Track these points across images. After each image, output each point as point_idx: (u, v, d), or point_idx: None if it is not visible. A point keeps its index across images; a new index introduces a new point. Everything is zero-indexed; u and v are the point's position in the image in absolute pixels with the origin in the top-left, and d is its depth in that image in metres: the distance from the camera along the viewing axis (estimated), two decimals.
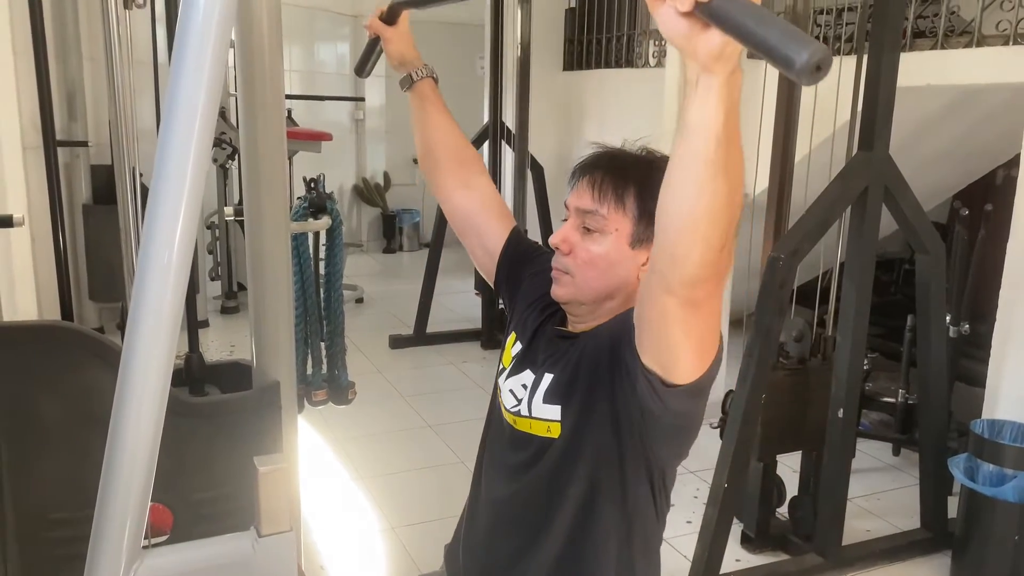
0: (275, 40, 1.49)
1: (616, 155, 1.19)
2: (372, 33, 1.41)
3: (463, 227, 1.42)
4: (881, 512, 3.10)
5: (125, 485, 0.99)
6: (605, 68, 5.15)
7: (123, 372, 0.96)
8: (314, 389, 2.37)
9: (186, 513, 1.58)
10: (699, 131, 0.78)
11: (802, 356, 2.74)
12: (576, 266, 1.17)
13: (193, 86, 0.93)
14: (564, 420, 1.16)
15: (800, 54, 0.61)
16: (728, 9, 0.68)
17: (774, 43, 0.64)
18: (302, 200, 2.30)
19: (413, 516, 3.02)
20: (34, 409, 1.53)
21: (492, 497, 1.29)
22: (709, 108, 0.77)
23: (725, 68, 0.74)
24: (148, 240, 0.93)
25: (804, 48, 0.62)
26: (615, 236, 1.14)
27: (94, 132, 4.45)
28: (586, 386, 1.14)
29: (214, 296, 5.53)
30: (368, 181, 8.03)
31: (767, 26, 0.65)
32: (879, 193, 2.44)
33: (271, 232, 1.54)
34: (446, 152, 1.42)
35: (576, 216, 1.18)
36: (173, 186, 0.93)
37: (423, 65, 1.43)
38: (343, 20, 7.66)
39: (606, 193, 1.14)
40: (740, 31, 0.68)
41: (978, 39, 2.93)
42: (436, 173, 1.43)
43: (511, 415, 1.23)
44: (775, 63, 0.64)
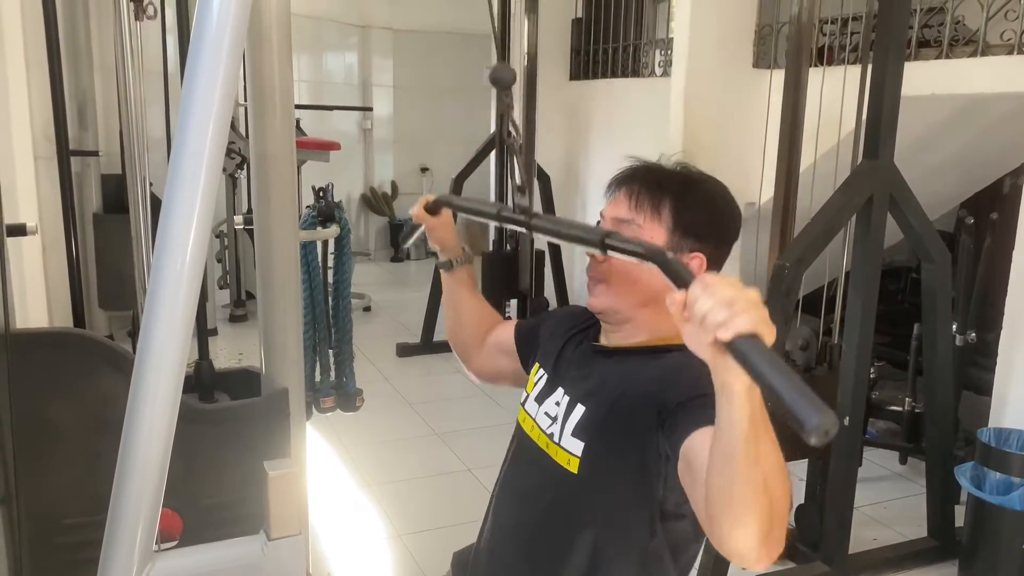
0: (284, 51, 1.51)
1: (652, 168, 1.23)
2: (417, 221, 1.48)
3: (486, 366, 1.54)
4: (888, 521, 3.09)
5: (137, 489, 1.00)
6: (611, 78, 5.17)
7: (136, 378, 0.98)
8: (322, 396, 2.38)
9: (195, 519, 1.59)
10: (727, 434, 0.82)
11: (808, 364, 2.74)
12: (611, 274, 1.19)
13: (206, 97, 0.95)
14: (584, 458, 1.16)
15: (811, 418, 0.67)
16: (747, 352, 0.73)
17: (788, 400, 0.69)
18: (311, 209, 2.32)
19: (420, 523, 3.03)
20: (47, 415, 1.55)
21: (506, 520, 1.30)
22: (734, 412, 0.80)
23: (743, 383, 0.78)
24: (161, 249, 0.95)
25: (815, 414, 0.67)
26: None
27: (104, 142, 4.49)
28: (615, 434, 1.14)
29: (223, 304, 5.56)
30: (376, 190, 8.07)
31: (783, 380, 0.70)
32: (884, 202, 2.45)
33: (280, 240, 1.56)
34: (473, 328, 1.54)
35: (612, 225, 1.20)
36: (186, 196, 0.95)
37: (462, 251, 1.50)
38: (351, 31, 7.72)
39: (643, 204, 1.18)
40: (757, 376, 0.73)
41: (983, 48, 2.94)
42: (462, 347, 1.56)
43: (545, 437, 1.24)
44: (788, 417, 0.69)
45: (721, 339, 0.75)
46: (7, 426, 1.49)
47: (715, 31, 3.78)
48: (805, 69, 2.74)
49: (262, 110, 1.51)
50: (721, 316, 0.74)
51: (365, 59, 7.91)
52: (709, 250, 1.20)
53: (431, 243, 1.50)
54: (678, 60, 3.83)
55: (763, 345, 0.74)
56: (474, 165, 4.95)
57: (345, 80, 7.86)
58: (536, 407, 1.28)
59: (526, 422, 1.30)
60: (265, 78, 1.50)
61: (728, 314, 0.74)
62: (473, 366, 1.55)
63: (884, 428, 3.72)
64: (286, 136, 1.57)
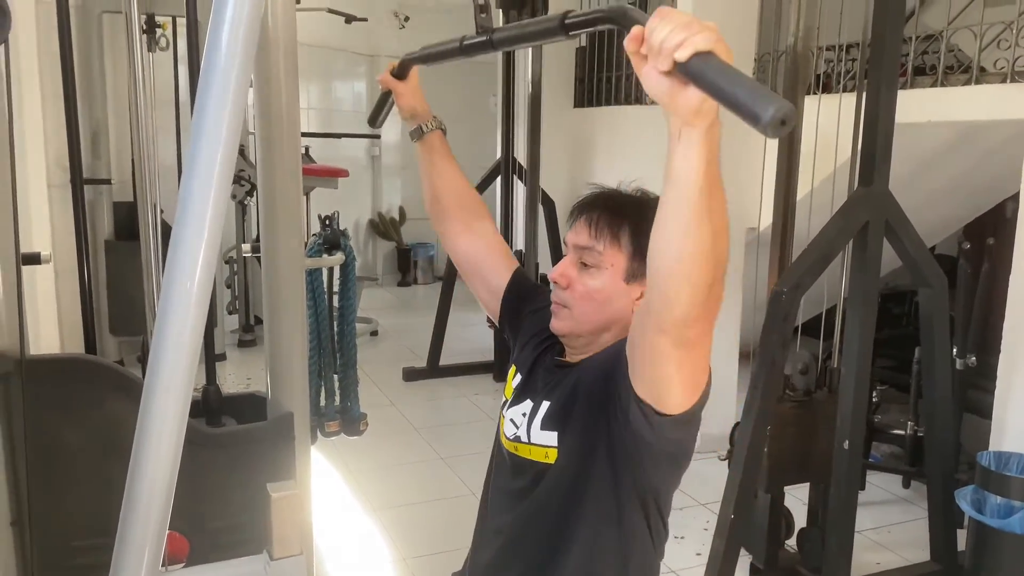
0: (292, 80, 1.56)
1: (612, 195, 1.26)
2: (384, 87, 1.48)
3: (468, 270, 1.49)
4: (891, 545, 3.10)
5: (145, 511, 1.04)
6: (615, 105, 5.24)
7: (144, 403, 1.02)
8: (327, 420, 2.42)
9: (202, 541, 1.62)
10: (683, 180, 0.84)
11: (808, 388, 2.76)
12: (574, 300, 1.23)
13: (215, 126, 0.99)
14: (561, 446, 1.21)
15: (766, 110, 0.68)
16: (703, 69, 0.75)
17: (743, 99, 0.70)
18: (317, 237, 2.37)
19: (424, 547, 3.05)
20: (58, 439, 1.58)
21: (495, 524, 1.34)
22: (691, 158, 0.83)
23: (704, 121, 0.80)
24: (170, 274, 1.00)
25: (770, 104, 0.68)
26: (611, 271, 1.21)
27: (117, 170, 4.58)
28: (582, 413, 1.19)
29: (231, 330, 5.61)
30: (384, 216, 8.14)
31: (737, 85, 0.72)
32: (880, 228, 2.48)
33: (287, 267, 1.60)
34: (452, 199, 1.50)
35: (574, 252, 1.24)
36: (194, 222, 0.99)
37: (432, 117, 1.50)
38: (359, 59, 7.84)
39: (602, 230, 1.21)
40: (713, 88, 0.74)
41: (977, 77, 2.99)
42: (442, 218, 1.51)
43: (511, 443, 1.29)
44: (744, 118, 0.70)
45: (679, 59, 0.75)
46: (20, 450, 1.53)
47: None
48: (801, 97, 2.79)
49: (269, 139, 1.56)
50: (678, 37, 0.75)
51: (373, 87, 7.99)
52: None
53: (400, 112, 1.49)
54: None
55: (719, 60, 0.75)
56: (480, 190, 5.00)
57: (353, 108, 7.96)
58: (507, 415, 1.33)
59: (501, 427, 1.35)
60: (272, 107, 1.54)
61: (685, 34, 0.75)
62: (451, 247, 1.52)
63: (888, 452, 3.73)
64: (293, 164, 1.61)
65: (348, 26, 6.33)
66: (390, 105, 1.51)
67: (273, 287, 1.61)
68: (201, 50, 1.84)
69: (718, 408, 3.84)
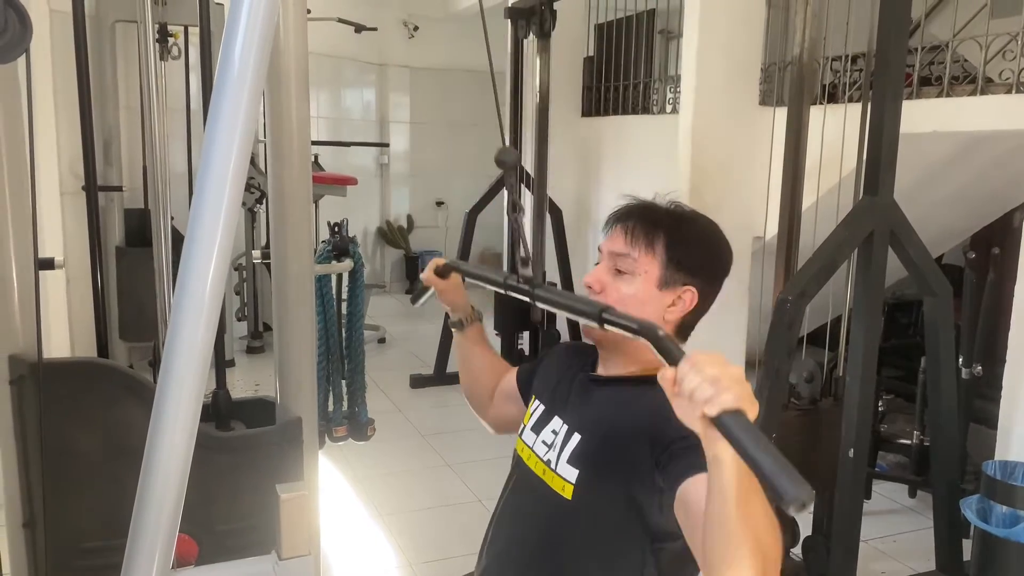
0: (302, 89, 1.58)
1: (648, 206, 1.30)
2: (427, 284, 1.56)
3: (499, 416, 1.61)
4: (897, 554, 3.10)
5: (156, 512, 1.06)
6: (622, 114, 5.26)
7: (156, 406, 1.04)
8: (335, 426, 2.44)
9: (210, 544, 1.64)
10: (718, 499, 0.88)
11: (813, 397, 2.77)
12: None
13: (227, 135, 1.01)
14: (578, 485, 1.21)
15: (789, 490, 0.73)
16: (730, 427, 0.80)
17: (768, 472, 0.75)
18: (326, 243, 2.40)
19: (430, 553, 3.06)
20: (70, 442, 1.61)
21: (506, 544, 1.35)
22: (724, 479, 0.86)
23: (731, 453, 0.83)
24: (182, 281, 1.02)
25: (796, 486, 0.73)
26: (644, 278, 1.24)
27: (128, 177, 4.62)
28: (610, 462, 1.20)
29: (240, 336, 5.65)
30: (392, 223, 8.19)
31: (763, 453, 0.77)
32: (884, 237, 2.49)
33: (296, 274, 1.62)
34: (489, 386, 1.61)
35: (609, 259, 1.27)
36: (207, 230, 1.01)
37: (472, 310, 1.59)
38: (369, 68, 7.89)
39: (638, 239, 1.25)
40: (740, 449, 0.79)
41: (983, 87, 3.00)
42: (475, 405, 1.65)
43: (542, 464, 1.29)
44: (767, 489, 0.75)
45: (708, 415, 0.81)
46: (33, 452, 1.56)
47: (722, 69, 3.86)
48: (807, 107, 2.81)
49: (280, 147, 1.58)
50: (707, 393, 0.81)
51: (383, 96, 8.08)
52: (700, 284, 1.26)
53: (441, 304, 1.57)
54: (685, 97, 3.91)
55: (746, 421, 0.80)
56: (488, 199, 5.04)
57: (363, 116, 8.02)
58: (533, 436, 1.34)
59: (524, 451, 1.35)
60: (283, 116, 1.57)
61: (714, 391, 0.80)
62: (488, 418, 1.63)
63: (894, 461, 3.73)
64: (303, 172, 1.64)
65: (358, 35, 6.38)
66: (431, 294, 1.60)
67: (283, 293, 1.63)
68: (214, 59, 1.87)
69: None
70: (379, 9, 7.53)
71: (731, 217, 3.75)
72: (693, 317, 1.28)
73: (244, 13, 0.94)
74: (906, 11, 2.47)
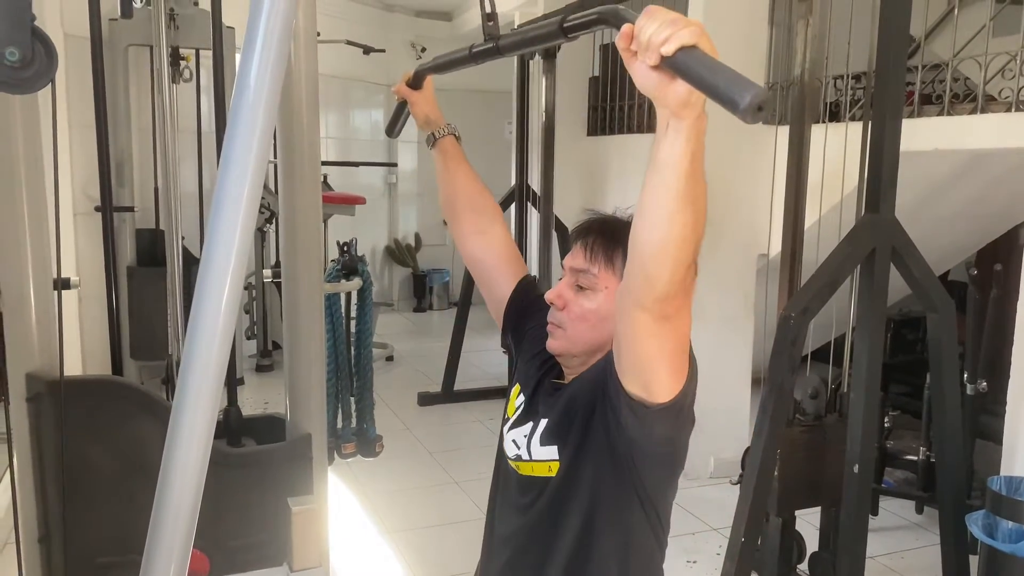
0: (312, 112, 1.62)
1: (607, 220, 1.32)
2: (400, 97, 1.55)
3: (478, 273, 1.54)
4: (904, 570, 3.10)
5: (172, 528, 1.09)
6: (627, 133, 5.31)
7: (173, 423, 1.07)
8: (343, 442, 2.47)
9: (222, 559, 1.66)
10: (669, 168, 0.91)
11: (818, 413, 2.79)
12: (569, 320, 1.28)
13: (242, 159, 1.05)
14: (562, 458, 1.26)
15: (743, 96, 0.73)
16: (687, 62, 0.81)
17: (723, 88, 0.76)
18: (335, 263, 2.44)
19: (437, 570, 3.08)
20: (86, 458, 1.64)
21: (501, 535, 1.39)
22: (678, 148, 0.89)
23: (691, 113, 0.86)
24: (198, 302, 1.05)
25: (746, 91, 0.73)
26: (605, 293, 1.26)
27: (139, 197, 4.68)
28: (578, 424, 1.24)
29: (249, 355, 5.69)
30: (400, 242, 8.24)
31: (718, 74, 0.78)
32: (886, 254, 2.52)
33: (306, 292, 1.66)
34: (465, 200, 1.55)
35: (571, 275, 1.30)
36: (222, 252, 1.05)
37: (446, 124, 1.57)
38: (377, 89, 7.98)
39: (597, 254, 1.27)
40: (696, 79, 0.80)
41: (983, 106, 3.03)
42: (455, 219, 1.56)
43: (514, 462, 1.34)
44: (724, 105, 0.76)
45: (665, 53, 0.81)
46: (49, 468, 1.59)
47: None
48: (809, 126, 2.84)
49: (291, 167, 1.62)
50: (664, 33, 0.81)
51: (390, 116, 8.15)
52: None
53: (416, 120, 1.55)
54: None
55: (702, 54, 0.80)
56: None
57: (371, 137, 8.09)
58: (508, 436, 1.37)
59: (506, 444, 1.39)
60: (294, 137, 1.61)
61: (671, 30, 0.81)
62: (461, 246, 1.56)
63: (901, 478, 3.73)
64: (313, 192, 1.68)
65: (366, 57, 6.46)
66: (406, 115, 1.59)
67: (293, 311, 1.67)
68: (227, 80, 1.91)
69: (730, 433, 3.87)
70: (387, 31, 7.64)
71: (735, 235, 3.79)
72: None
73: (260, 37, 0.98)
74: (905, 30, 2.51)
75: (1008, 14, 3.50)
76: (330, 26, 5.90)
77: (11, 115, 1.47)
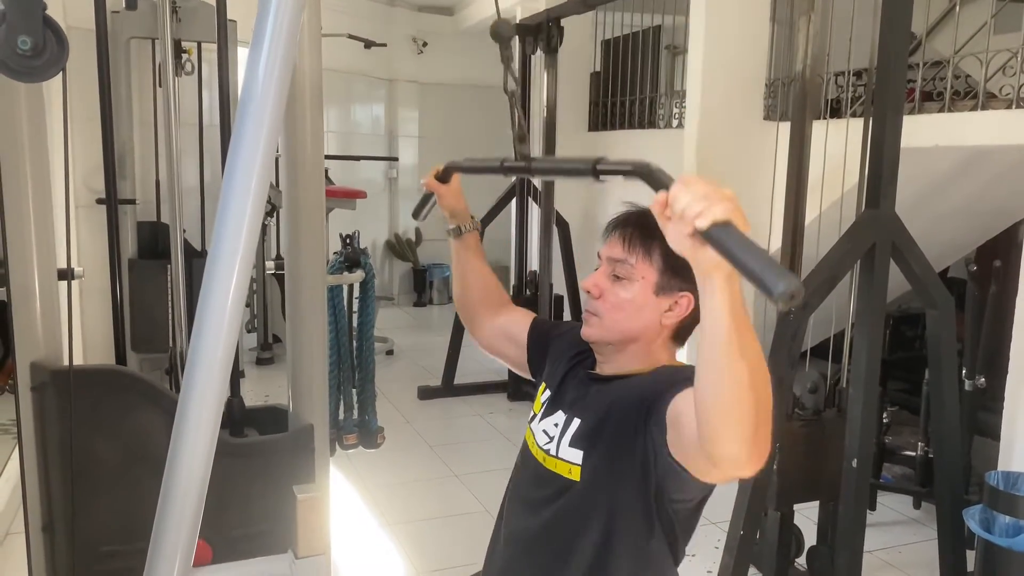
0: (316, 105, 1.63)
1: (646, 213, 1.32)
2: (428, 189, 1.57)
3: (492, 344, 1.58)
4: (901, 565, 3.11)
5: (179, 510, 1.10)
6: (628, 129, 5.32)
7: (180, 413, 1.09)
8: (345, 434, 2.48)
9: (224, 549, 1.67)
10: (711, 325, 0.92)
11: (817, 407, 2.80)
12: (605, 309, 1.29)
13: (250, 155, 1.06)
14: (584, 465, 1.26)
15: (777, 284, 0.75)
16: (721, 237, 0.83)
17: (757, 271, 0.78)
18: (338, 255, 2.45)
19: (438, 563, 3.09)
20: (90, 448, 1.65)
21: (512, 530, 1.39)
22: (715, 305, 0.90)
23: (722, 271, 0.87)
24: (206, 295, 1.06)
25: (781, 279, 0.75)
26: (641, 284, 1.27)
27: (140, 190, 4.69)
28: (610, 437, 1.24)
29: (250, 348, 5.70)
30: (400, 237, 8.25)
31: (752, 256, 0.80)
32: (886, 249, 2.53)
33: (309, 284, 1.66)
34: (480, 294, 1.60)
35: (607, 265, 1.31)
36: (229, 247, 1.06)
37: (471, 219, 1.59)
38: (379, 83, 7.98)
39: (635, 245, 1.28)
40: (730, 256, 0.82)
41: (983, 102, 3.04)
42: (469, 311, 1.61)
43: (542, 452, 1.34)
44: (758, 287, 0.78)
45: (699, 228, 0.83)
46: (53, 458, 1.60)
47: (727, 85, 3.91)
48: (810, 122, 2.85)
49: (294, 161, 1.63)
50: (699, 207, 0.83)
51: (392, 111, 8.17)
52: (697, 291, 1.30)
53: (442, 211, 1.57)
54: (690, 112, 3.96)
55: (736, 230, 0.82)
56: (495, 212, 5.09)
57: (372, 131, 8.10)
58: (539, 427, 1.38)
59: (530, 439, 1.40)
60: (298, 131, 1.61)
61: (705, 205, 0.83)
62: (478, 336, 1.60)
63: (900, 473, 3.75)
64: (316, 186, 1.68)
65: (368, 51, 6.47)
66: (432, 204, 1.60)
67: (296, 303, 1.67)
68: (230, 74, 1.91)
69: None
70: (389, 26, 7.63)
71: None
72: (690, 322, 1.31)
73: (268, 35, 0.99)
74: (906, 27, 2.52)
75: (1009, 12, 3.51)
76: (332, 20, 5.90)
77: (16, 106, 1.48)
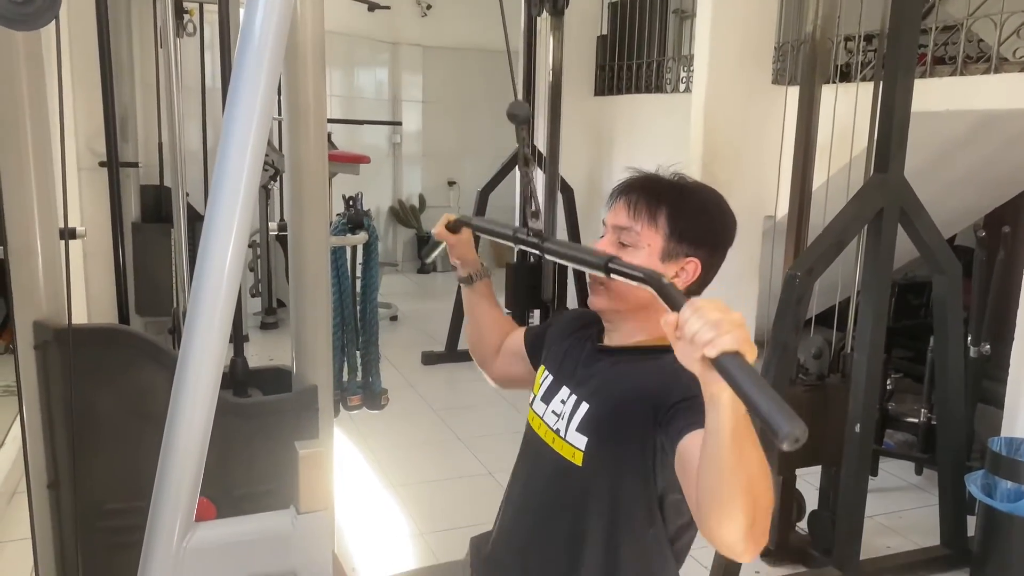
0: (319, 68, 1.61)
1: (650, 178, 1.32)
2: (439, 239, 1.57)
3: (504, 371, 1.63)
4: (902, 530, 3.13)
5: (180, 464, 1.11)
6: (635, 93, 5.26)
7: (179, 373, 1.08)
8: (349, 395, 2.49)
9: (228, 507, 1.68)
10: (714, 437, 0.92)
11: (821, 373, 2.80)
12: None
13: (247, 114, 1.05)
14: (587, 452, 1.25)
15: (782, 427, 0.77)
16: (729, 368, 0.84)
17: (764, 410, 0.79)
18: (341, 217, 2.43)
19: (441, 523, 3.12)
20: (93, 406, 1.66)
21: (517, 510, 1.40)
22: (721, 420, 0.90)
23: (728, 394, 0.87)
24: (203, 255, 1.04)
25: (787, 423, 0.77)
26: (647, 251, 1.26)
27: (143, 153, 4.67)
28: (617, 429, 1.23)
29: (254, 312, 5.71)
30: (404, 203, 8.22)
31: (759, 393, 0.81)
32: (894, 214, 2.51)
33: (312, 246, 1.66)
34: (493, 343, 1.63)
35: (612, 232, 1.30)
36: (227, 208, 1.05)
37: (481, 267, 1.60)
38: (382, 47, 7.89)
39: (640, 212, 1.27)
40: (737, 388, 0.83)
41: (996, 66, 2.99)
42: (482, 356, 1.66)
43: (551, 432, 1.33)
44: (764, 424, 0.79)
45: (708, 356, 0.84)
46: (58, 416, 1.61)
47: (735, 48, 3.86)
48: (819, 86, 2.81)
49: (297, 124, 1.61)
50: (708, 335, 0.84)
51: (395, 75, 8.08)
52: (704, 256, 1.29)
53: (452, 259, 1.59)
54: (698, 76, 3.91)
55: (744, 362, 0.83)
56: (499, 179, 5.06)
57: (376, 95, 8.03)
58: (543, 406, 1.37)
59: (534, 420, 1.39)
60: (300, 94, 1.59)
61: (714, 334, 0.84)
62: (492, 372, 1.65)
63: (902, 440, 3.75)
64: (319, 149, 1.67)
65: (371, 14, 6.39)
66: (442, 250, 1.61)
67: (299, 265, 1.67)
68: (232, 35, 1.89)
69: None
70: None
71: (742, 195, 3.76)
72: (697, 288, 1.31)
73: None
74: None
75: None
76: None
77: (15, 62, 1.46)
